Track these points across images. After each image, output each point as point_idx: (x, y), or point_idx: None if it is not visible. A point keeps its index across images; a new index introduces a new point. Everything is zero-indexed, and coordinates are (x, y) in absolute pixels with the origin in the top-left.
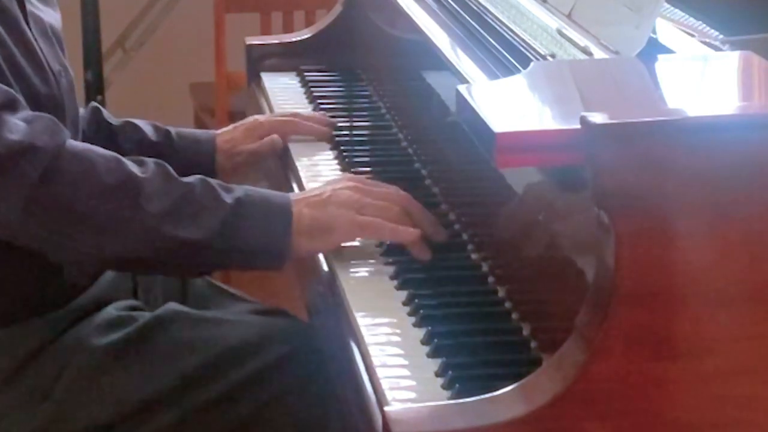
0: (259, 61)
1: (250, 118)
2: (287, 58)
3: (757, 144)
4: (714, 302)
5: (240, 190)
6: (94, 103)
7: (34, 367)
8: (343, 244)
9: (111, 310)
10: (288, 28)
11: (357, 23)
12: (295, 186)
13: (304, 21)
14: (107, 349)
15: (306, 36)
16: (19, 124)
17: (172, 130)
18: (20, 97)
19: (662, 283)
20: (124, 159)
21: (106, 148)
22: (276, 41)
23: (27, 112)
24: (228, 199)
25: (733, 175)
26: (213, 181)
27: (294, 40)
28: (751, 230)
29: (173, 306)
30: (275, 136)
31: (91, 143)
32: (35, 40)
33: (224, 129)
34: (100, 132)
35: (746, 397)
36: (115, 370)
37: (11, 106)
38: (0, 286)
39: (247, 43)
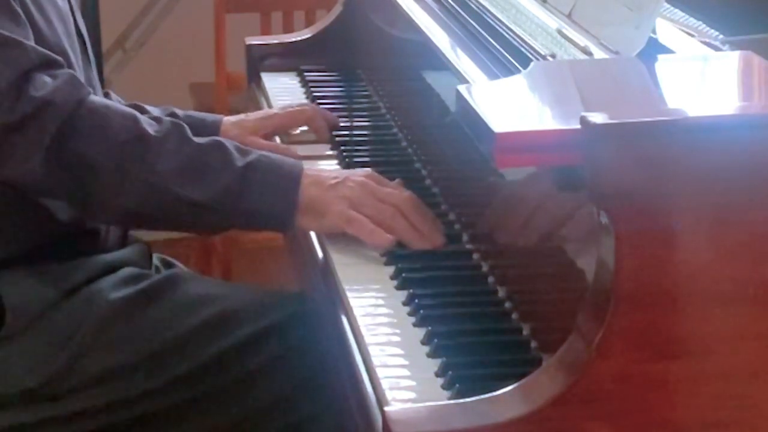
0: (259, 61)
1: (270, 110)
2: (287, 58)
3: (757, 144)
4: (714, 302)
5: (255, 154)
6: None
7: (57, 313)
8: (337, 232)
9: (127, 270)
10: (288, 28)
11: (357, 23)
12: None
13: (304, 21)
14: (122, 302)
15: (306, 36)
16: (46, 82)
17: (180, 111)
18: (59, 57)
19: (662, 283)
20: (141, 117)
21: None
22: (276, 41)
23: (58, 70)
24: (239, 162)
25: (733, 175)
26: (229, 143)
27: (294, 40)
28: (751, 230)
29: (183, 269)
30: (294, 150)
31: None
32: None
33: (236, 117)
34: None
35: (746, 397)
36: (128, 321)
37: (46, 66)
38: (37, 218)
39: (247, 43)
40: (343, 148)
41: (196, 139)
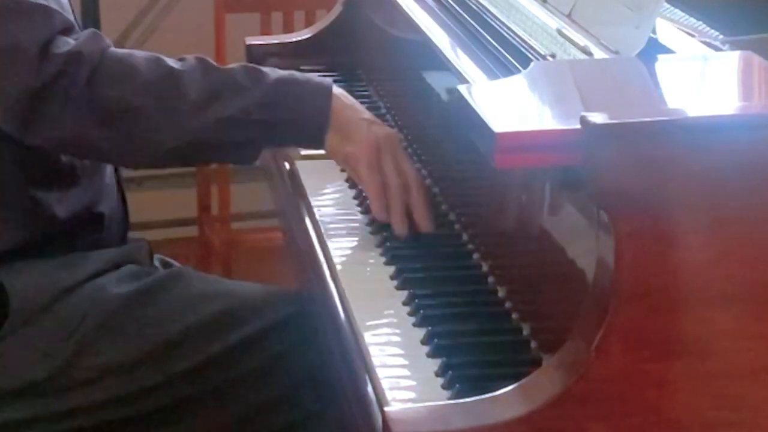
0: (259, 61)
1: None
2: (287, 58)
3: (757, 144)
4: (714, 302)
5: (284, 71)
6: None
7: (60, 308)
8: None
9: (130, 267)
10: (288, 28)
11: (357, 23)
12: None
13: (304, 21)
14: (124, 298)
15: (306, 36)
16: (68, 41)
17: None
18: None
19: (662, 283)
20: (164, 57)
21: None
22: (276, 41)
23: (78, 33)
24: (270, 76)
25: (733, 175)
26: (258, 66)
27: (294, 40)
28: (751, 230)
29: (186, 267)
30: None
31: None
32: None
33: None
34: None
35: (746, 397)
36: (130, 317)
37: (69, 31)
38: (36, 213)
39: (247, 43)
40: None
41: (223, 67)
